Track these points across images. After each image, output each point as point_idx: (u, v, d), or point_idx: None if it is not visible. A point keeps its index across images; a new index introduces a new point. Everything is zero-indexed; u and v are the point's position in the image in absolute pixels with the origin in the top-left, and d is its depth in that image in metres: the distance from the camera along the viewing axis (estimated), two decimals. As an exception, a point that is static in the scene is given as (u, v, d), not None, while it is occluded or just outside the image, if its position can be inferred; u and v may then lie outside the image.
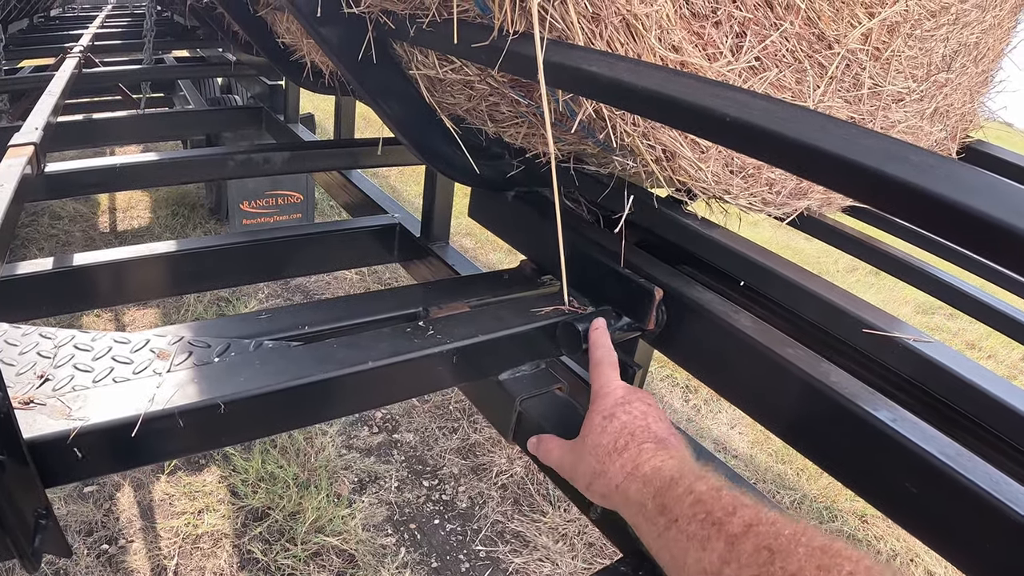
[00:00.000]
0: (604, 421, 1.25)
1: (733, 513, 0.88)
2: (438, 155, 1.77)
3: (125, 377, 1.21)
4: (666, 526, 0.98)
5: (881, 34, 1.65)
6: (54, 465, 1.07)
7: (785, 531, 0.82)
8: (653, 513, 1.02)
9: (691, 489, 0.98)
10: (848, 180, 0.71)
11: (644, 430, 1.21)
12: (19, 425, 1.01)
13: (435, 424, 4.57)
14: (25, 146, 2.13)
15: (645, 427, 1.22)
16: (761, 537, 0.83)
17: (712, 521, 0.90)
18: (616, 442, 1.20)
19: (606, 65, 0.96)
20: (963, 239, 0.66)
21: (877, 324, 1.38)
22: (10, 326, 1.32)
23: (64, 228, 6.84)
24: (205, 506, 3.84)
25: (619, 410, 1.26)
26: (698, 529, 0.91)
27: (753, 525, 0.85)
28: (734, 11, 1.33)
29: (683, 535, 0.93)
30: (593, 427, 1.26)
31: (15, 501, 1.01)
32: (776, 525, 0.84)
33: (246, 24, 2.85)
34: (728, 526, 0.87)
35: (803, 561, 0.77)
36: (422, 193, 2.64)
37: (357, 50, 1.58)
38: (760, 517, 0.86)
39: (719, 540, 0.87)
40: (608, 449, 1.20)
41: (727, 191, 1.52)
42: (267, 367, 1.23)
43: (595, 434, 1.24)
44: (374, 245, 2.71)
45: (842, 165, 0.70)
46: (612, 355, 1.40)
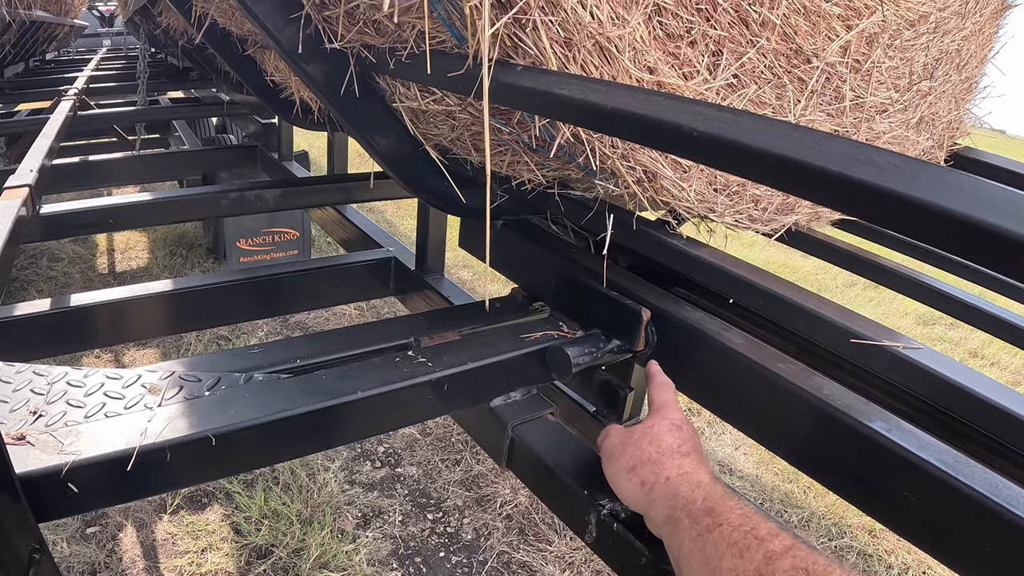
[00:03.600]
0: (673, 427, 1.29)
1: (775, 536, 0.94)
2: (426, 186, 1.78)
3: (117, 412, 1.22)
4: (708, 527, 1.02)
5: (860, 46, 1.66)
6: (47, 500, 1.08)
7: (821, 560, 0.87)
8: (699, 512, 1.06)
9: (741, 506, 1.04)
10: (815, 187, 0.72)
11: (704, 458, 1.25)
12: (11, 460, 1.01)
13: (438, 456, 4.56)
14: (20, 188, 2.15)
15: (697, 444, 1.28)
16: (799, 560, 0.87)
17: (756, 536, 0.94)
18: (681, 446, 1.24)
19: (576, 87, 0.97)
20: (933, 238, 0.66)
21: (865, 334, 1.38)
22: (4, 363, 1.32)
23: (63, 270, 6.85)
24: (208, 545, 3.82)
25: (687, 427, 1.30)
26: (740, 538, 0.95)
27: (792, 549, 0.90)
28: (708, 30, 1.35)
29: (724, 540, 0.97)
30: (661, 426, 1.29)
31: (8, 536, 1.02)
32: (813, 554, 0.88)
33: (236, 63, 2.87)
34: (769, 543, 0.92)
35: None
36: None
37: (341, 85, 1.59)
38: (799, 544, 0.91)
39: (758, 552, 0.91)
40: (672, 447, 1.24)
41: (712, 209, 1.52)
42: (257, 400, 1.24)
43: (662, 430, 1.28)
44: (370, 279, 2.71)
45: (807, 172, 0.70)
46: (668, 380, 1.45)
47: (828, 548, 3.98)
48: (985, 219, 0.62)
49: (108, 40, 12.52)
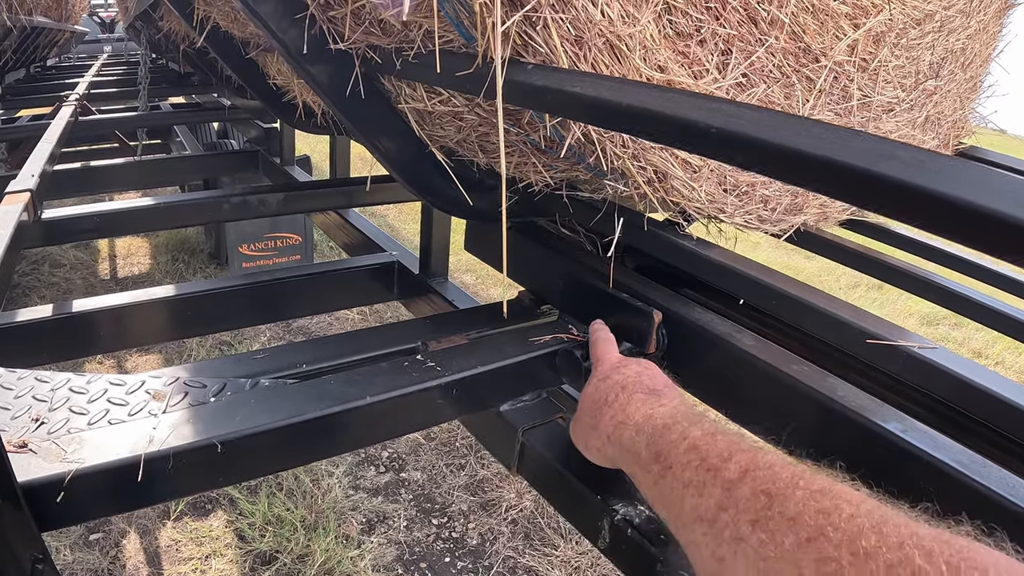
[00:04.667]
0: (598, 382, 1.26)
1: (729, 459, 0.86)
2: (431, 189, 1.76)
3: (121, 419, 1.20)
4: (661, 473, 0.96)
5: (867, 45, 1.65)
6: (50, 509, 1.06)
7: (783, 474, 0.79)
8: (648, 461, 1.01)
9: (685, 435, 0.96)
10: (840, 183, 0.70)
11: (636, 383, 1.21)
12: (13, 469, 1.00)
13: (442, 461, 4.55)
14: (21, 193, 2.14)
15: (637, 381, 1.22)
16: (758, 481, 0.80)
17: (708, 467, 0.87)
18: (607, 396, 1.21)
19: (589, 85, 0.95)
20: (960, 234, 0.65)
21: (880, 334, 1.37)
22: (5, 370, 1.31)
23: (65, 276, 6.85)
24: (212, 551, 3.81)
25: (613, 372, 1.27)
26: (693, 475, 0.88)
27: (750, 470, 0.82)
28: (718, 28, 1.33)
29: (679, 482, 0.91)
30: (587, 389, 1.28)
31: (10, 546, 1.00)
32: (773, 469, 0.80)
33: (238, 67, 2.85)
34: (724, 472, 0.84)
35: (802, 504, 0.73)
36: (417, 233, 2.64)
37: (345, 87, 1.58)
38: (757, 462, 0.83)
39: (715, 486, 0.84)
40: (599, 403, 1.21)
41: (722, 210, 1.51)
42: (263, 405, 1.22)
43: (588, 394, 1.26)
44: (373, 284, 2.70)
45: (832, 168, 0.69)
46: (609, 334, 1.44)
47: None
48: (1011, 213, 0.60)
49: (109, 46, 12.54)
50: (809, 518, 0.72)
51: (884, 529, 0.66)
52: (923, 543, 0.63)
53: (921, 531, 0.65)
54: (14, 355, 1.93)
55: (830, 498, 0.73)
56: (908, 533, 0.65)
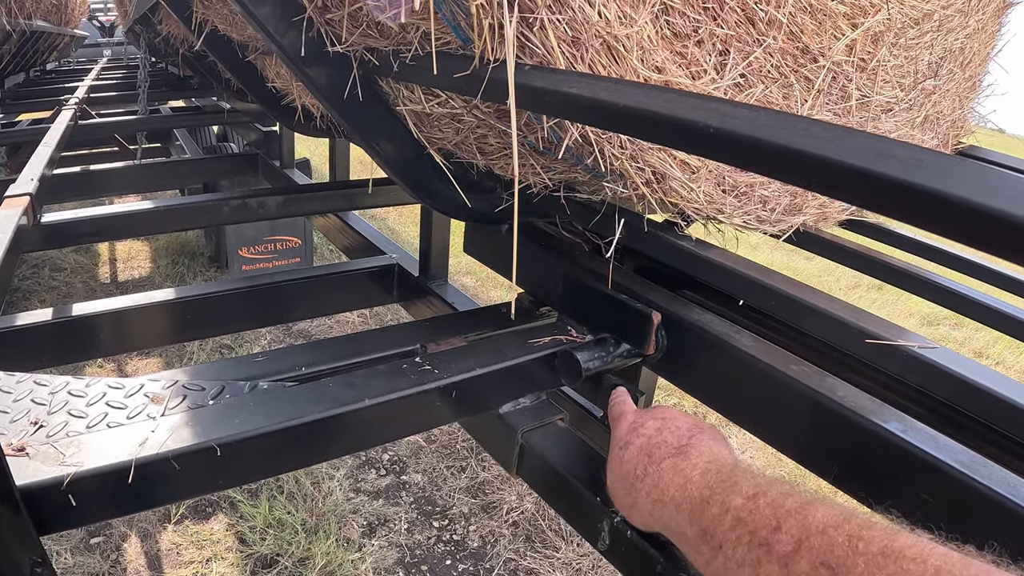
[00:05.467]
0: (620, 452, 1.21)
1: (778, 528, 0.82)
2: (430, 191, 1.76)
3: (119, 422, 1.20)
4: (712, 554, 0.91)
5: (865, 44, 1.65)
6: (48, 512, 1.06)
7: (839, 539, 0.75)
8: (695, 541, 0.96)
9: (726, 506, 0.92)
10: (837, 182, 0.70)
11: (660, 446, 1.15)
12: (12, 472, 1.00)
13: (443, 464, 4.54)
14: (21, 197, 2.14)
15: (660, 442, 1.16)
16: (815, 552, 0.76)
17: (759, 542, 0.83)
18: (635, 469, 1.15)
19: (586, 86, 0.95)
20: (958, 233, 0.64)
21: (880, 334, 1.36)
22: (4, 373, 1.31)
23: (65, 280, 6.85)
24: (213, 555, 3.81)
25: (632, 436, 1.22)
26: (746, 554, 0.85)
27: (803, 539, 0.78)
28: (715, 29, 1.33)
29: (732, 562, 0.87)
30: (613, 462, 1.22)
31: (9, 550, 1.00)
32: (828, 534, 0.77)
33: (237, 70, 2.85)
34: (777, 545, 0.81)
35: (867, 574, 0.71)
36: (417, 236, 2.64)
37: (342, 89, 1.57)
38: (809, 527, 0.79)
39: (771, 563, 0.81)
40: (630, 478, 1.15)
41: (720, 211, 1.51)
42: (262, 408, 1.22)
43: (616, 468, 1.21)
44: (373, 286, 2.70)
45: (830, 167, 0.69)
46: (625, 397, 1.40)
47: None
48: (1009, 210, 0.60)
49: (108, 50, 12.56)
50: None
51: None
52: None
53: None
54: (14, 359, 1.93)
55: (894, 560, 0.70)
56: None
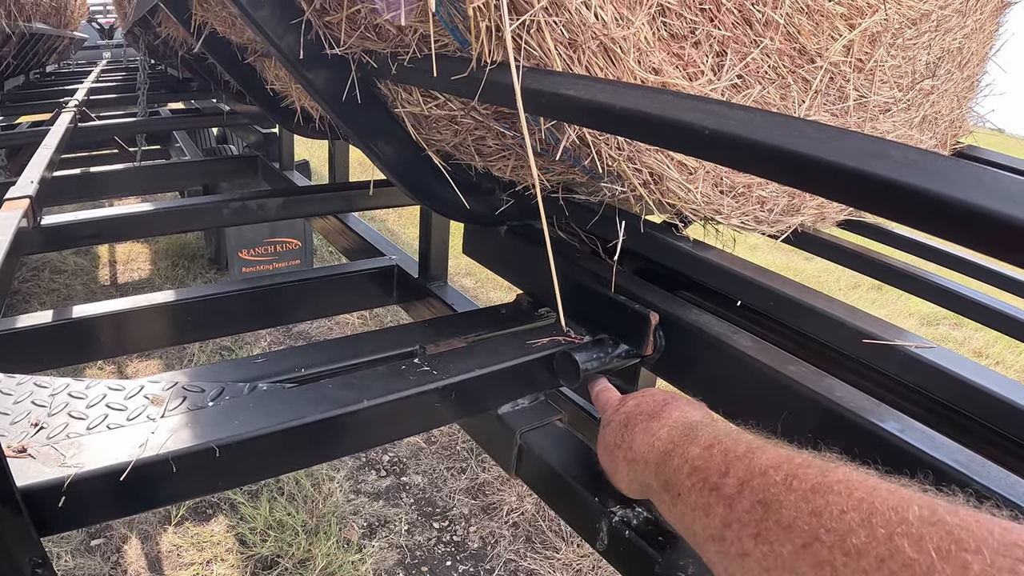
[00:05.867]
0: (603, 428, 1.28)
1: (727, 473, 0.87)
2: (428, 193, 1.76)
3: (119, 424, 1.20)
4: (672, 502, 0.98)
5: (863, 45, 1.65)
6: (49, 513, 1.06)
7: (777, 478, 0.79)
8: (659, 491, 1.03)
9: (685, 457, 0.98)
10: (831, 183, 0.70)
11: (635, 415, 1.22)
12: (12, 473, 1.00)
13: (443, 465, 4.55)
14: (20, 199, 2.14)
15: (636, 413, 1.22)
16: (755, 492, 0.80)
17: (709, 487, 0.89)
18: (615, 439, 1.22)
19: (583, 87, 0.95)
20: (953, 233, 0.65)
21: (877, 333, 1.37)
22: (4, 376, 1.31)
23: (65, 282, 6.85)
24: (213, 556, 3.81)
25: (614, 414, 1.27)
26: (698, 498, 0.90)
27: (746, 481, 0.83)
28: (712, 30, 1.33)
29: (688, 507, 0.93)
30: (599, 440, 1.29)
31: (9, 551, 1.00)
32: (767, 475, 0.81)
33: (236, 72, 2.86)
34: (724, 488, 0.85)
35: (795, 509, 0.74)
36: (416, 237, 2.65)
37: (342, 92, 1.58)
38: (753, 469, 0.84)
39: (718, 505, 0.85)
40: (611, 448, 1.22)
41: (718, 211, 1.51)
42: (261, 410, 1.22)
43: (601, 444, 1.27)
44: (373, 288, 2.70)
45: (821, 168, 0.69)
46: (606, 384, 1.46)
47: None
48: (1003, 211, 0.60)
49: (108, 52, 12.59)
50: (803, 523, 0.72)
51: (873, 521, 0.66)
52: (911, 530, 0.63)
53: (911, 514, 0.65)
54: (14, 361, 1.93)
55: (822, 495, 0.73)
56: (898, 520, 0.65)
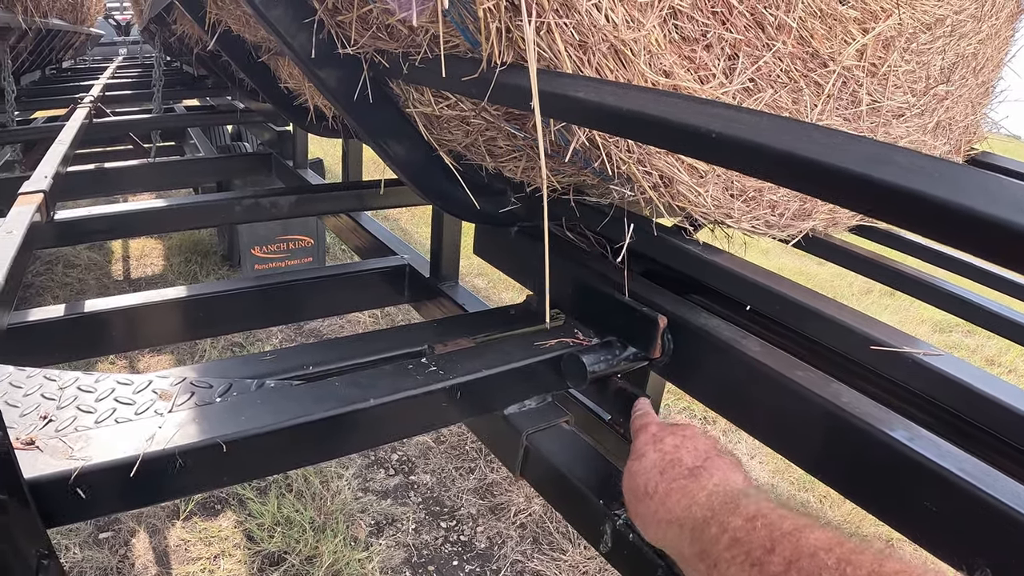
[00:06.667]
0: (636, 462, 1.21)
1: (772, 550, 0.82)
2: (440, 193, 1.77)
3: (127, 418, 1.21)
4: (707, 572, 0.91)
5: (876, 49, 1.65)
6: (56, 506, 1.07)
7: (829, 561, 0.76)
8: (693, 560, 0.97)
9: (725, 527, 0.92)
10: (836, 188, 0.70)
11: (674, 465, 1.16)
12: (20, 465, 1.01)
13: (452, 464, 4.55)
14: (34, 194, 2.15)
15: (675, 461, 1.17)
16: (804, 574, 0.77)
17: (752, 562, 0.84)
18: (647, 484, 1.15)
19: (592, 90, 0.95)
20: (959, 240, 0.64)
21: (885, 340, 1.36)
22: (15, 368, 1.32)
23: (78, 276, 6.88)
24: (221, 551, 3.82)
25: (649, 448, 1.22)
26: (738, 572, 0.85)
27: (794, 561, 0.79)
28: (724, 33, 1.33)
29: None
30: (627, 471, 1.23)
31: (16, 542, 1.01)
32: (817, 557, 0.77)
33: (250, 70, 2.87)
34: (769, 566, 0.81)
35: None
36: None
37: (354, 91, 1.58)
38: (800, 549, 0.80)
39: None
40: (640, 493, 1.16)
41: (728, 215, 1.51)
42: (268, 406, 1.23)
43: (629, 478, 1.21)
44: (384, 286, 2.71)
45: (828, 173, 0.69)
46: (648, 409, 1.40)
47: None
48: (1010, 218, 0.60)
49: (124, 49, 12.61)
50: None
51: None
52: None
53: None
54: (27, 354, 1.94)
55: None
56: None
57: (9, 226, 1.85)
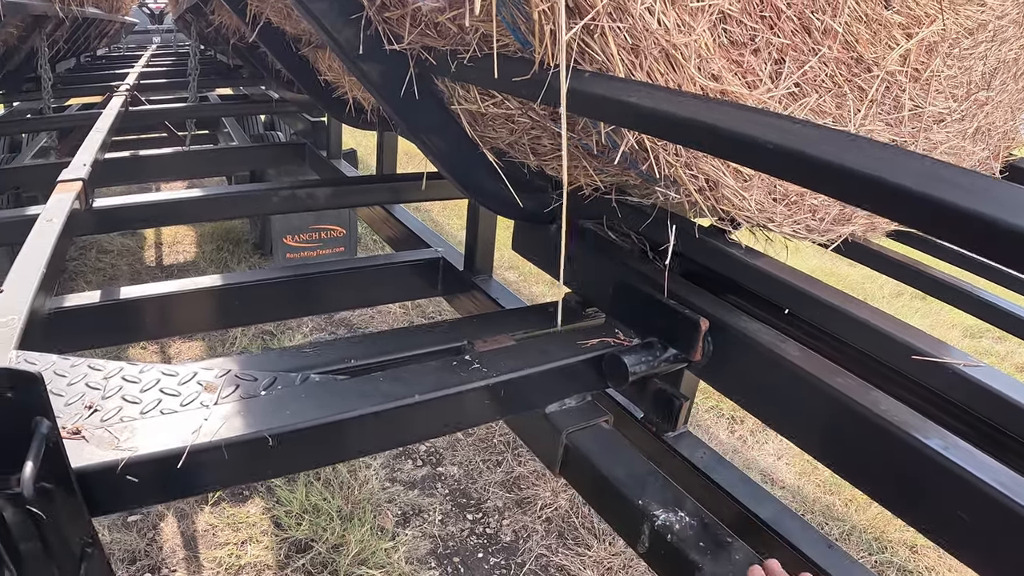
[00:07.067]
0: None
1: None
2: (481, 189, 1.78)
3: (172, 409, 1.23)
4: None
5: (919, 55, 1.64)
6: (101, 495, 1.09)
7: None
8: None
9: None
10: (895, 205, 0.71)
11: None
12: (68, 455, 1.02)
13: (479, 457, 4.55)
14: (73, 182, 2.18)
15: None
16: None
17: None
18: None
19: (646, 96, 0.96)
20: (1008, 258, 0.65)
21: (926, 350, 1.36)
22: (59, 357, 1.34)
23: (111, 262, 6.92)
24: (248, 537, 3.85)
25: None
26: None
27: None
28: (772, 38, 1.33)
29: None
30: None
31: (62, 530, 1.03)
32: None
33: (288, 62, 2.89)
34: None
35: None
36: (464, 227, 2.66)
37: (399, 86, 1.60)
38: None
39: None
40: None
41: (771, 219, 1.51)
42: (313, 401, 1.24)
43: None
44: (418, 279, 2.73)
45: (890, 191, 0.69)
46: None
47: (868, 563, 3.92)
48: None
49: (158, 37, 12.69)
50: None
51: None
52: None
53: None
54: (62, 339, 1.97)
55: None
56: None
57: (49, 214, 1.88)
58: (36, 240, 1.73)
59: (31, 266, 1.59)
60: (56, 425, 0.99)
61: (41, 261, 1.61)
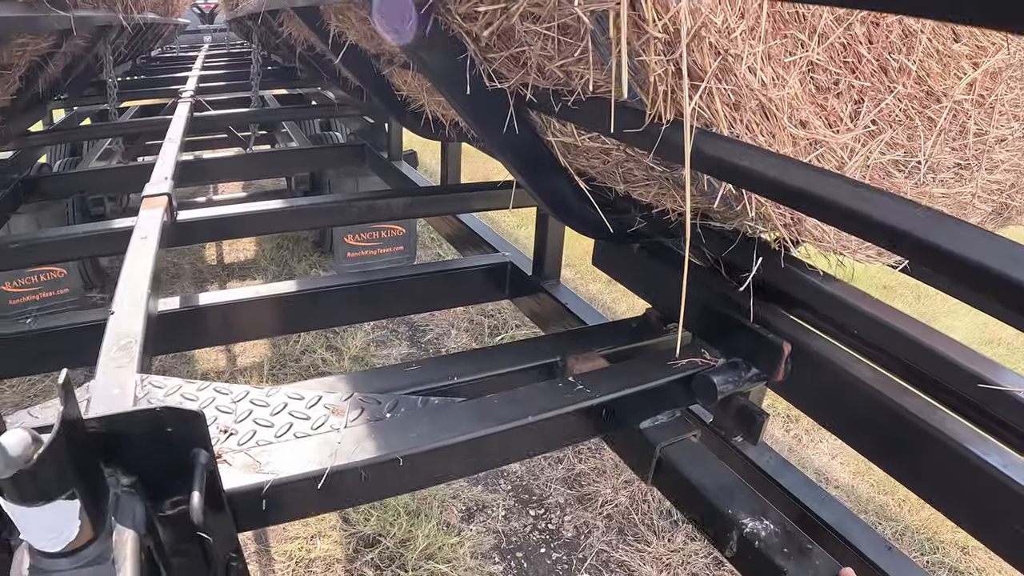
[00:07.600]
0: None
1: None
2: (568, 211, 1.87)
3: (305, 432, 1.33)
4: None
5: (984, 81, 1.71)
6: (246, 512, 1.22)
7: None
8: None
9: None
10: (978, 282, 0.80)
11: None
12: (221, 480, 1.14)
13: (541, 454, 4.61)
14: (159, 196, 2.29)
15: None
16: None
17: None
18: None
19: (758, 160, 1.05)
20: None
21: (991, 378, 1.42)
22: (185, 381, 1.44)
23: (173, 260, 7.00)
24: (318, 532, 3.93)
25: None
26: None
27: None
28: (853, 81, 1.42)
29: None
30: None
31: (214, 545, 1.13)
32: None
33: (368, 79, 2.97)
34: None
35: None
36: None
37: (496, 118, 1.69)
38: None
39: None
40: None
41: (846, 247, 1.59)
42: (436, 424, 1.36)
43: None
44: (484, 283, 2.82)
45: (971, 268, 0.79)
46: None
47: (920, 563, 3.94)
48: None
49: (208, 36, 12.79)
50: None
51: None
52: None
53: None
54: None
55: None
56: None
57: (143, 231, 1.98)
58: (136, 258, 1.83)
59: (137, 286, 1.68)
60: (214, 456, 1.10)
61: (145, 280, 1.71)
